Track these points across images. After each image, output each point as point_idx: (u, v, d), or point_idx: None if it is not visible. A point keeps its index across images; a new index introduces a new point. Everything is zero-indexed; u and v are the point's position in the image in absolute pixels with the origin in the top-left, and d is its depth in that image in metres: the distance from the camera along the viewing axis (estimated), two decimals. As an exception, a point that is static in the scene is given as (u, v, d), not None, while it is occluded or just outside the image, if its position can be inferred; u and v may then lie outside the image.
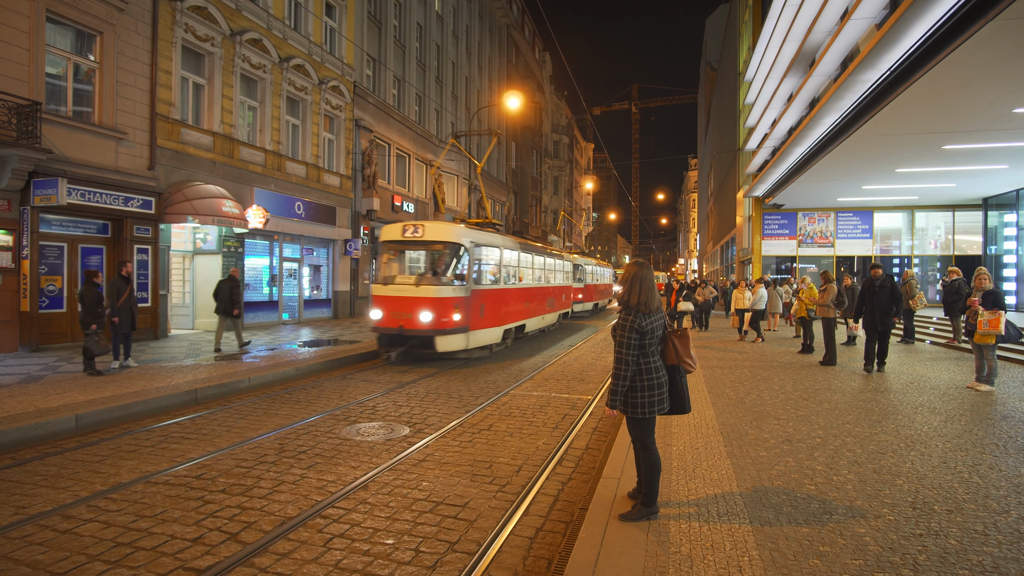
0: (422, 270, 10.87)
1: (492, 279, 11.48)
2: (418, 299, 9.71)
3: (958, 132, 11.47)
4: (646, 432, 3.48)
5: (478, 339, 10.47)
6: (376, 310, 10.00)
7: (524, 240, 14.81)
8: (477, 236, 10.60)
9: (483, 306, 10.52)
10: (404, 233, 10.32)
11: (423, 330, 9.60)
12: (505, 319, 11.81)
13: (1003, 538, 3.20)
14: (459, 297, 9.85)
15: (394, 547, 3.41)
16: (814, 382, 7.97)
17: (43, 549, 3.37)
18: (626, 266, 3.58)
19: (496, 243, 11.54)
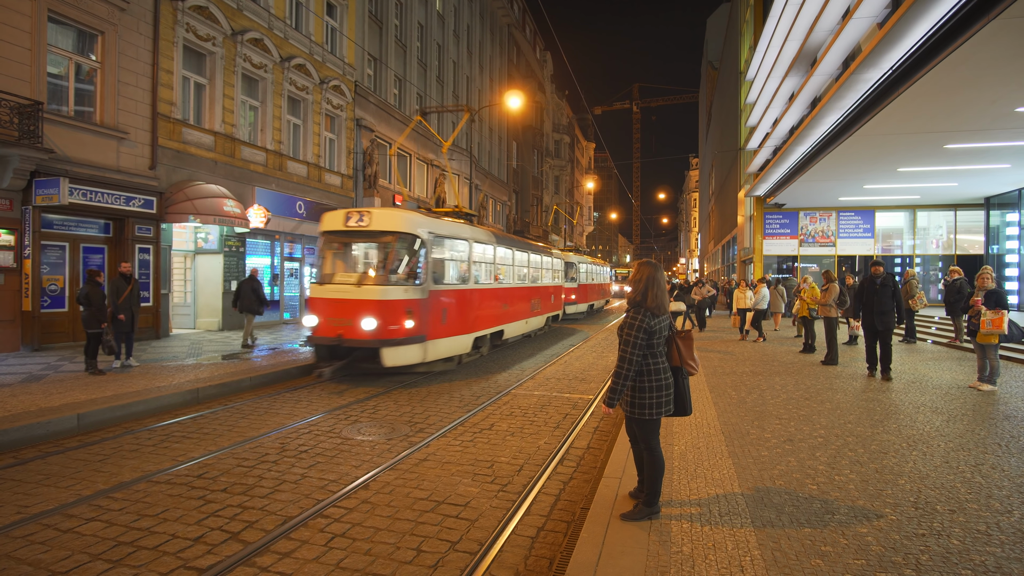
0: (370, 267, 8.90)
1: (460, 278, 9.83)
2: (360, 302, 8.01)
3: (960, 131, 11.45)
4: (652, 433, 3.46)
5: (439, 350, 8.80)
6: (311, 316, 8.30)
7: (503, 233, 13.15)
8: (438, 226, 8.95)
9: (446, 310, 8.94)
10: (347, 222, 8.55)
11: (366, 340, 7.87)
12: (476, 325, 10.10)
13: (1006, 538, 3.19)
14: (413, 300, 8.18)
15: (395, 546, 3.41)
16: (815, 382, 7.96)
17: (45, 548, 3.37)
18: (637, 266, 3.52)
19: (464, 235, 9.88)
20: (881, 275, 8.20)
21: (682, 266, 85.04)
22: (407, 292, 8.20)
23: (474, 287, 10.12)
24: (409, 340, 8.14)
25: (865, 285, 8.37)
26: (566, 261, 20.03)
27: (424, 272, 8.47)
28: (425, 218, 8.86)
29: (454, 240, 9.57)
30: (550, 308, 15.98)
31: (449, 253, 9.48)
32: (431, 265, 8.60)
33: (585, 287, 22.58)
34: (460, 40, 28.69)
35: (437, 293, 8.74)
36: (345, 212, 8.72)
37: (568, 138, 54.16)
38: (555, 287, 16.67)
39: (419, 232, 8.49)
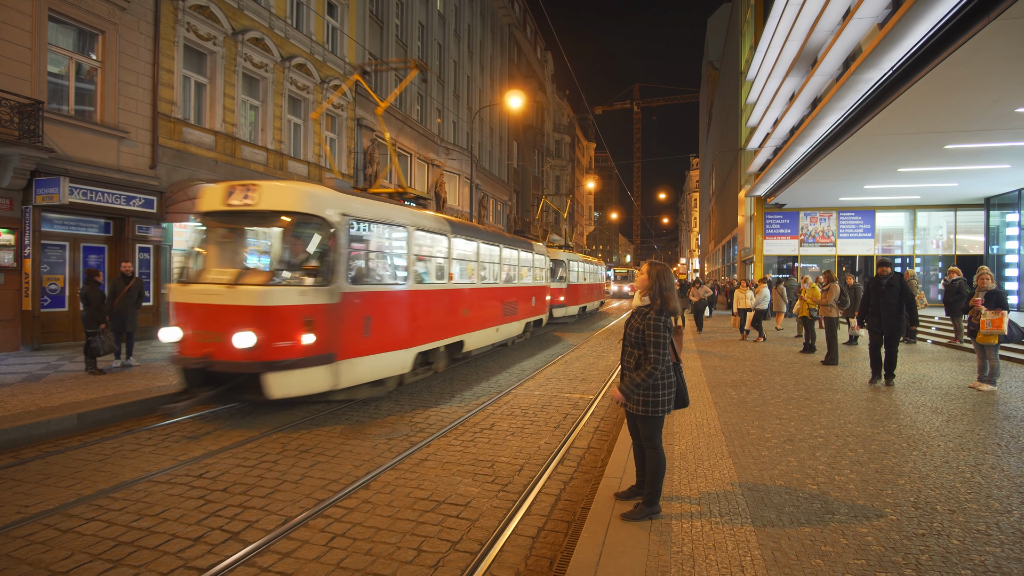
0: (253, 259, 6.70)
1: (396, 276, 7.60)
2: (233, 309, 5.86)
3: (960, 132, 11.45)
4: (659, 430, 3.51)
5: (359, 371, 6.59)
6: (173, 328, 6.12)
7: (464, 222, 10.87)
8: (357, 207, 6.72)
9: (370, 318, 6.77)
10: (228, 198, 6.33)
11: (242, 362, 5.72)
12: (421, 336, 7.95)
13: (1006, 538, 3.19)
14: (315, 306, 6.03)
15: (396, 546, 3.41)
16: (816, 382, 7.96)
17: (45, 548, 3.37)
18: (647, 267, 3.56)
19: (400, 220, 7.63)
20: (888, 275, 7.63)
21: (682, 266, 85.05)
22: (305, 295, 5.98)
23: (416, 288, 7.86)
24: (309, 361, 5.94)
25: (870, 286, 7.80)
26: (553, 259, 18.22)
27: (335, 268, 6.24)
28: (337, 195, 6.57)
29: (385, 227, 7.36)
30: (531, 312, 13.82)
31: (378, 243, 7.34)
32: (346, 258, 6.39)
33: (576, 288, 20.42)
34: (461, 40, 28.69)
35: (356, 297, 6.51)
36: (227, 186, 6.44)
37: (569, 138, 54.18)
38: (538, 288, 14.60)
39: (326, 214, 6.27)
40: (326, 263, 6.28)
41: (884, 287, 7.57)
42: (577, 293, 20.61)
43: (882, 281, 7.63)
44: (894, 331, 7.56)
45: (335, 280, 6.26)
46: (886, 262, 7.81)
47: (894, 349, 7.66)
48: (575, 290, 20.27)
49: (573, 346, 13.29)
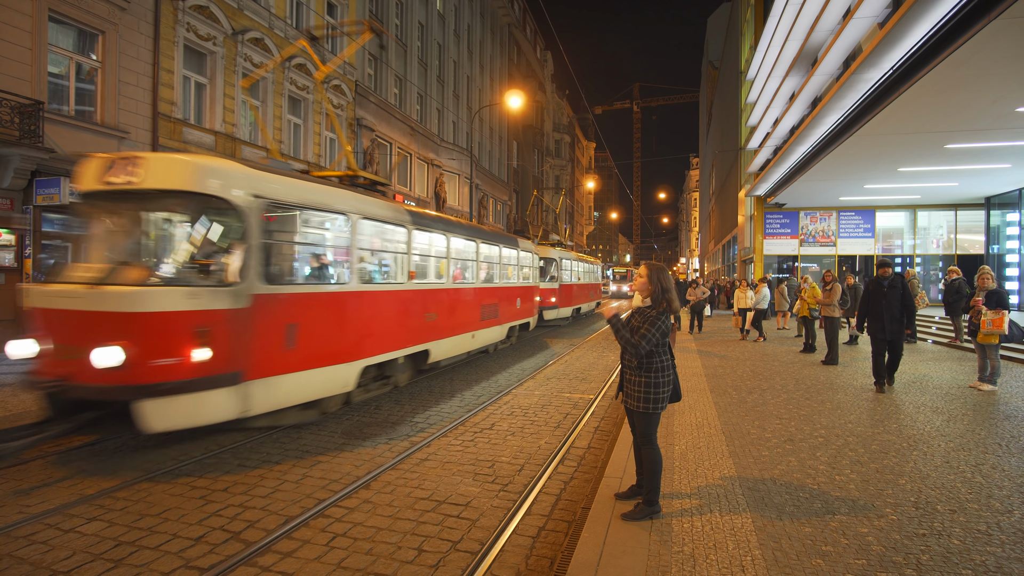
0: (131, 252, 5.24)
1: (339, 274, 6.33)
2: (93, 316, 4.56)
3: (961, 131, 11.44)
4: (654, 427, 3.55)
5: (279, 393, 5.31)
6: (27, 341, 4.86)
7: (429, 213, 9.31)
8: (275, 187, 5.35)
9: (296, 326, 5.47)
10: (107, 174, 4.97)
11: (107, 385, 4.44)
12: (368, 346, 6.56)
13: (1006, 538, 3.19)
14: (211, 311, 4.72)
15: (397, 546, 3.42)
16: (816, 381, 7.96)
17: (47, 548, 3.38)
18: (645, 270, 3.60)
19: (340, 206, 6.22)
20: (889, 276, 7.26)
21: (682, 265, 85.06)
22: (196, 298, 4.63)
23: (364, 289, 6.49)
24: (202, 382, 4.63)
25: (870, 288, 7.42)
26: (543, 257, 17.09)
27: (243, 264, 4.92)
28: (247, 172, 5.19)
29: (318, 214, 6.10)
30: (516, 315, 12.56)
31: (309, 234, 6.30)
32: (260, 252, 5.05)
33: (569, 288, 19.21)
34: (460, 40, 28.69)
35: (275, 300, 5.19)
36: (106, 159, 5.06)
37: (568, 137, 54.19)
38: (525, 288, 13.33)
39: (232, 194, 4.90)
40: (231, 258, 4.94)
41: (886, 289, 7.18)
42: (570, 294, 19.41)
43: (883, 283, 7.23)
44: (897, 335, 7.17)
45: (243, 279, 4.89)
46: (886, 263, 7.45)
47: (898, 352, 7.30)
48: (568, 291, 19.09)
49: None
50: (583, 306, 22.06)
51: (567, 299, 18.90)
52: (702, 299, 15.51)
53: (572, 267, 20.05)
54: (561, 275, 18.39)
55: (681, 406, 6.32)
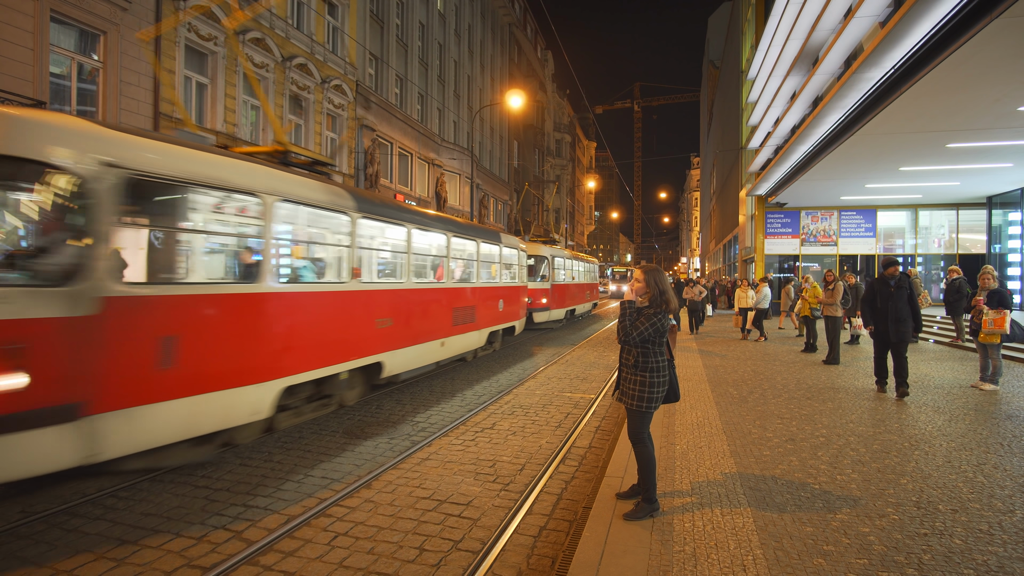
0: None
1: (245, 270, 5.10)
2: None
3: (962, 130, 11.42)
4: (645, 425, 3.58)
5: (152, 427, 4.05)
6: None
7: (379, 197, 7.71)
8: (140, 155, 4.07)
9: (175, 339, 4.20)
10: None
11: None
12: (291, 360, 5.25)
13: (1008, 538, 3.19)
14: (27, 321, 3.44)
15: (398, 545, 3.42)
16: (817, 381, 7.96)
17: (49, 547, 3.39)
18: (641, 273, 3.66)
19: (245, 184, 4.88)
20: (896, 276, 6.98)
21: (683, 265, 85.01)
22: (3, 303, 3.38)
23: (283, 289, 5.19)
24: (14, 421, 3.36)
25: (876, 287, 7.10)
26: (532, 255, 15.83)
27: (87, 255, 3.70)
28: (97, 133, 3.91)
29: (211, 193, 4.72)
30: (498, 318, 11.10)
31: (201, 219, 4.96)
32: (115, 239, 3.84)
33: (562, 288, 17.64)
34: (461, 39, 28.69)
35: (141, 305, 3.97)
36: None
37: (569, 137, 54.17)
38: (511, 288, 11.97)
39: (63, 160, 3.66)
40: (68, 245, 3.71)
41: (892, 289, 6.87)
42: (564, 294, 17.88)
43: (890, 282, 6.93)
44: (903, 337, 6.78)
45: (86, 277, 3.64)
46: (893, 261, 7.11)
47: (902, 356, 6.84)
48: (561, 291, 17.54)
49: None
50: (578, 307, 20.66)
51: (559, 300, 17.42)
52: (699, 299, 15.25)
53: (566, 266, 18.62)
54: (554, 274, 16.87)
55: (682, 405, 6.32)
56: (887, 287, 6.93)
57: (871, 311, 7.11)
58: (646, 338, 3.50)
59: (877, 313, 6.99)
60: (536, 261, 16.25)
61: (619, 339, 3.60)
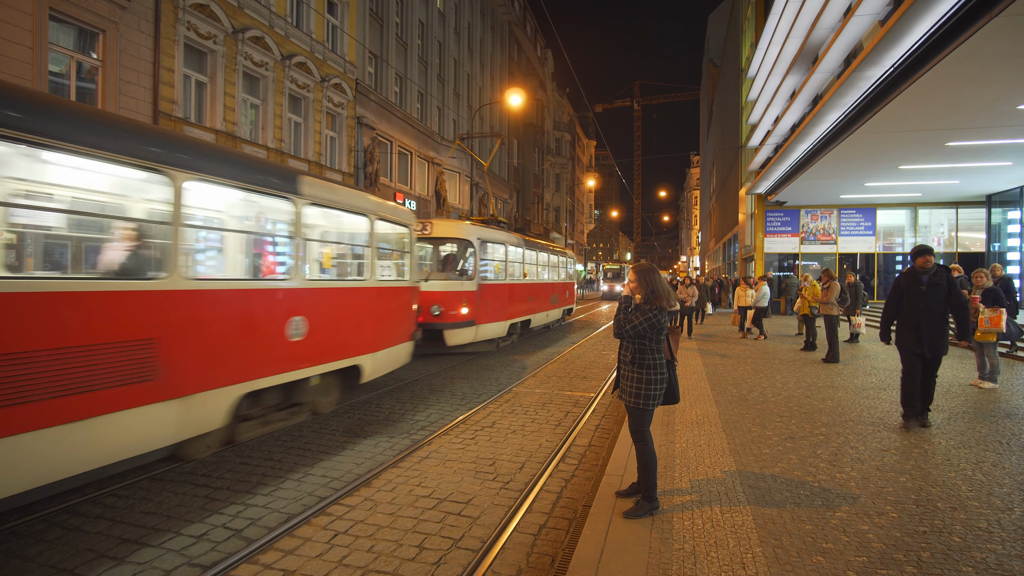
0: None
1: None
2: None
3: (962, 129, 11.42)
4: (646, 423, 3.59)
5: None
6: None
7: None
8: None
9: None
10: None
11: None
12: None
13: (1007, 535, 3.20)
14: None
15: (398, 544, 3.43)
16: (817, 379, 7.96)
17: (49, 546, 3.39)
18: (634, 273, 3.67)
19: None
20: (931, 268, 5.33)
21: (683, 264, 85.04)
22: None
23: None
24: None
25: (902, 285, 5.48)
26: (447, 238, 10.93)
27: None
28: None
29: None
30: (314, 357, 5.71)
31: None
32: None
33: (500, 291, 11.80)
34: (461, 38, 28.65)
35: None
36: None
37: (569, 136, 54.13)
38: (385, 291, 7.09)
39: None
40: None
41: (924, 287, 5.30)
42: (504, 300, 11.97)
43: (922, 278, 5.34)
44: (938, 350, 5.27)
45: None
46: (927, 249, 5.38)
47: (933, 376, 5.43)
48: (497, 295, 11.59)
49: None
50: (537, 317, 14.55)
51: (502, 309, 11.75)
52: (690, 302, 13.75)
53: (513, 257, 12.98)
54: (486, 269, 11.32)
55: (682, 404, 6.32)
56: (917, 284, 5.33)
57: (894, 317, 5.59)
58: (640, 333, 3.51)
59: (904, 318, 5.43)
60: (459, 248, 10.90)
61: (615, 333, 3.64)
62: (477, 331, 10.75)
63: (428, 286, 9.97)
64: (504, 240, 12.52)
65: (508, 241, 12.78)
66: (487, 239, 11.49)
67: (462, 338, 10.41)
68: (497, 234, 12.26)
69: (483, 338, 11.06)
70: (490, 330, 11.29)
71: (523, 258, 13.86)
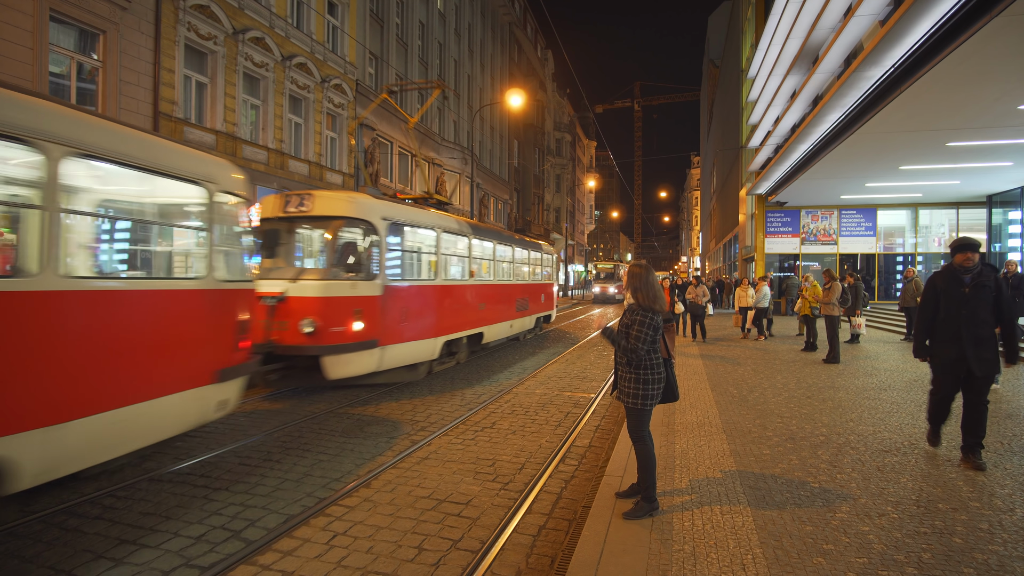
0: None
1: None
2: None
3: (963, 129, 11.41)
4: (645, 423, 3.59)
5: None
6: None
7: None
8: None
9: None
10: None
11: None
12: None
13: (1008, 536, 3.19)
14: None
15: (397, 544, 3.42)
16: (817, 380, 7.95)
17: (47, 547, 3.38)
18: (632, 269, 3.69)
19: None
20: (975, 267, 4.35)
21: (684, 264, 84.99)
22: None
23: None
24: None
25: (939, 287, 4.49)
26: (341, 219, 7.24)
27: None
28: None
29: None
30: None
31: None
32: None
33: (437, 294, 8.77)
34: (461, 38, 28.67)
35: None
36: None
37: (569, 136, 54.13)
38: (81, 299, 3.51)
39: None
40: None
41: (967, 289, 4.32)
42: (435, 307, 8.67)
43: (963, 279, 4.35)
44: (988, 368, 4.29)
45: None
46: (969, 244, 4.39)
47: (984, 402, 4.35)
48: (423, 301, 8.38)
49: None
50: (494, 328, 11.15)
51: (417, 321, 8.11)
52: (701, 301, 13.32)
53: (453, 249, 9.68)
54: (403, 265, 8.12)
55: (682, 404, 6.31)
56: (958, 286, 4.37)
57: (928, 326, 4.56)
58: (649, 339, 3.50)
59: (943, 328, 4.43)
60: (349, 233, 7.43)
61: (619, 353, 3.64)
62: (383, 355, 7.18)
63: (297, 289, 6.73)
64: (434, 224, 8.78)
65: (440, 226, 8.98)
66: (400, 220, 7.75)
67: (356, 367, 6.88)
68: (419, 215, 8.43)
69: (395, 364, 7.51)
70: (406, 352, 7.73)
71: (469, 251, 10.10)
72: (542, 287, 15.28)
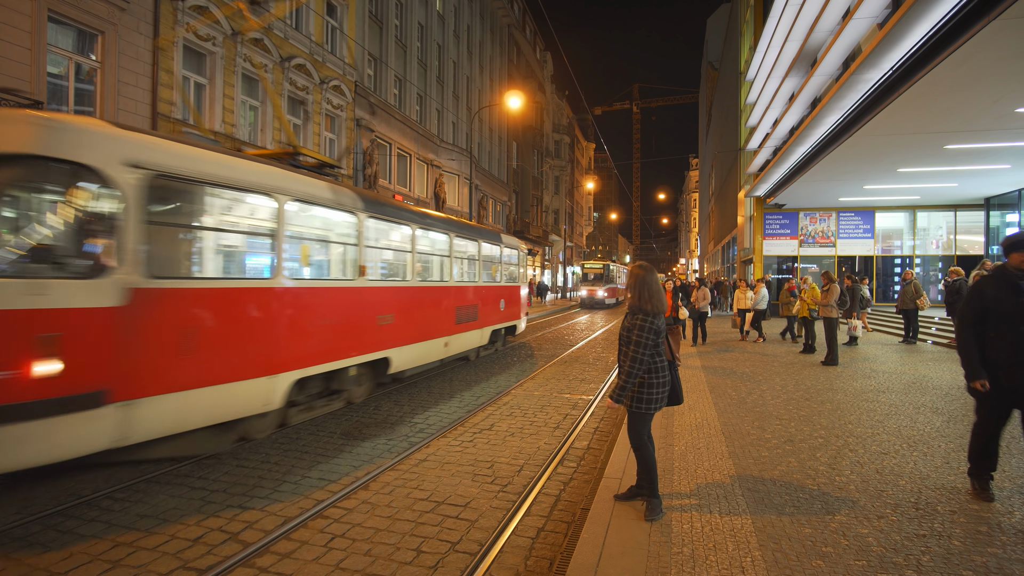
0: None
1: None
2: None
3: (960, 132, 11.44)
4: (646, 428, 3.59)
5: None
6: None
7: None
8: None
9: None
10: None
11: None
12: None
13: (1007, 539, 3.18)
14: None
15: (395, 547, 3.40)
16: (816, 382, 7.95)
17: (44, 549, 3.37)
18: (632, 270, 3.66)
19: None
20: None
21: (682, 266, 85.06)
22: None
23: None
24: None
25: (986, 293, 3.70)
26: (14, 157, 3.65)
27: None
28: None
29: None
30: None
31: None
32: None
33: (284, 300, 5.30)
34: (460, 40, 28.69)
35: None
36: None
37: (568, 138, 54.17)
38: None
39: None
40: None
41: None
42: (280, 322, 5.26)
43: (1019, 283, 3.60)
44: None
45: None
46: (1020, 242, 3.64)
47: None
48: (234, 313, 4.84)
49: None
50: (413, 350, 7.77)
51: (223, 351, 4.68)
52: (703, 304, 13.27)
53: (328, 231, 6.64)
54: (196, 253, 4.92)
55: (681, 407, 6.31)
56: (1014, 295, 3.58)
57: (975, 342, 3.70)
58: (651, 345, 3.47)
59: (996, 345, 3.61)
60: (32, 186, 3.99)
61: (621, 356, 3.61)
62: (130, 416, 3.95)
63: None
64: (271, 187, 5.28)
65: (287, 192, 5.46)
66: (178, 172, 4.39)
67: (46, 446, 3.56)
68: (228, 166, 4.90)
69: (168, 429, 4.29)
70: (196, 405, 4.46)
71: (359, 236, 6.66)
72: (502, 291, 11.70)
